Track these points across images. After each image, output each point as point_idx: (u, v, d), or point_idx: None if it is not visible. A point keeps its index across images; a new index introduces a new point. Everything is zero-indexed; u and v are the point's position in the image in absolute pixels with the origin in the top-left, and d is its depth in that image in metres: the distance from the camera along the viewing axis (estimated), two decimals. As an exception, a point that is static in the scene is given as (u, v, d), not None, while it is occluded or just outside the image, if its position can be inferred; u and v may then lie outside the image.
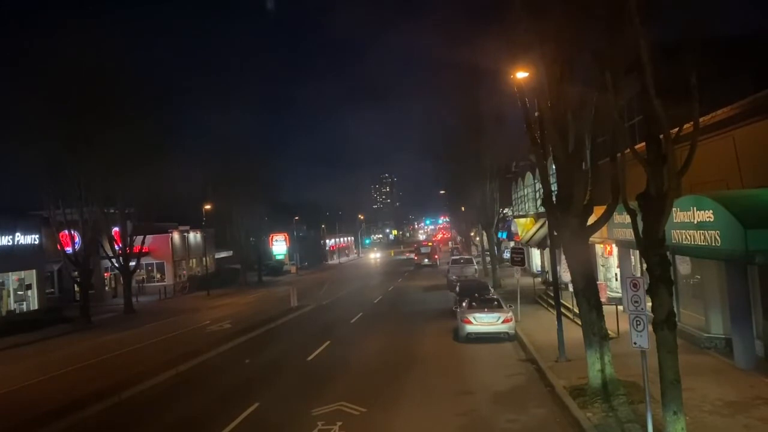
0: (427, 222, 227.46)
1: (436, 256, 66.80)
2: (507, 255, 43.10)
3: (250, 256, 63.24)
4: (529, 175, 40.99)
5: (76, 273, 35.80)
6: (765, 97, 12.05)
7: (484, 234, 44.98)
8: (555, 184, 13.84)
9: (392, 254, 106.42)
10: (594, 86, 11.33)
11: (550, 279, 22.50)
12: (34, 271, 37.02)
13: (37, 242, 37.03)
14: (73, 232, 34.94)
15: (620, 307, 18.37)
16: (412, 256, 71.72)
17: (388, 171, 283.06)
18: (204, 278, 53.11)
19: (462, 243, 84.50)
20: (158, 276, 54.50)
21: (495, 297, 22.34)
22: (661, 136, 8.80)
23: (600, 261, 25.44)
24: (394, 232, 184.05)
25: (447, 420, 11.93)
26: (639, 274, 17.42)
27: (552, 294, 20.18)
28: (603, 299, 14.71)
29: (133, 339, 26.30)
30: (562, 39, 11.90)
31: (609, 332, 13.54)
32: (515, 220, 44.16)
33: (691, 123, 8.85)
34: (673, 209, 10.60)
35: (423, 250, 69.41)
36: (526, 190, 43.01)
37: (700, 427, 10.02)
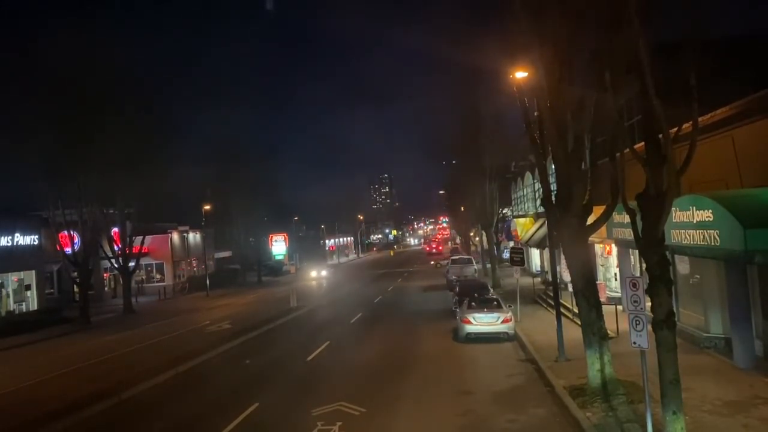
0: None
1: (440, 248, 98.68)
2: (506, 255, 43.12)
3: (250, 257, 63.25)
4: (528, 175, 40.99)
5: (75, 273, 35.79)
6: (764, 97, 12.06)
7: (484, 234, 44.99)
8: (554, 184, 13.85)
9: (392, 253, 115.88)
10: (593, 86, 11.33)
11: (550, 279, 22.51)
12: (33, 271, 37.05)
13: (36, 243, 37.05)
14: (72, 233, 34.96)
15: (620, 307, 18.38)
16: (425, 247, 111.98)
17: (388, 171, 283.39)
18: (203, 279, 53.14)
19: (461, 243, 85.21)
20: (158, 276, 54.58)
21: (494, 297, 22.32)
22: (661, 136, 8.81)
23: (599, 261, 25.45)
24: (394, 232, 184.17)
25: (447, 420, 11.93)
26: (638, 274, 17.43)
27: (551, 294, 20.19)
28: (602, 299, 14.71)
29: (133, 339, 26.28)
30: (561, 39, 11.91)
31: (608, 332, 13.56)
32: (515, 219, 44.17)
33: (691, 123, 8.86)
34: (673, 209, 10.60)
35: (432, 244, 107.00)
36: (525, 190, 43.02)
37: (700, 426, 10.02)
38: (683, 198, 12.38)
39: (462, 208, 63.79)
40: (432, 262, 68.36)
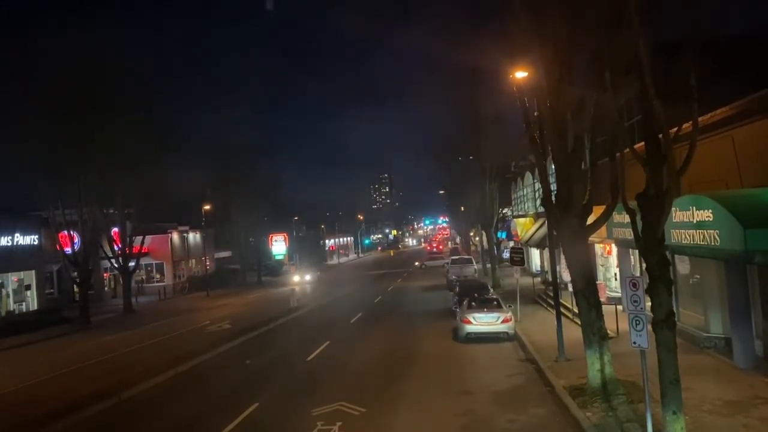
0: (427, 222, 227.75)
1: (441, 247, 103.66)
2: (506, 255, 43.12)
3: (250, 257, 63.22)
4: (528, 175, 40.99)
5: (75, 273, 35.78)
6: (764, 97, 12.06)
7: (484, 234, 44.99)
8: (554, 184, 13.85)
9: (392, 253, 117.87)
10: (593, 86, 11.33)
11: (550, 279, 22.50)
12: (33, 271, 37.04)
13: (36, 243, 37.04)
14: (72, 233, 34.95)
15: (620, 307, 18.37)
16: (426, 246, 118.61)
17: (388, 171, 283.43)
18: (203, 278, 53.12)
19: (461, 243, 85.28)
20: (158, 276, 54.56)
21: (494, 297, 22.33)
22: (661, 136, 8.81)
23: (599, 261, 25.45)
24: (394, 232, 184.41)
25: (447, 420, 11.92)
26: (638, 274, 17.43)
27: (551, 294, 20.18)
28: (602, 299, 14.70)
29: (133, 339, 26.28)
30: (561, 39, 11.91)
31: (608, 332, 13.55)
32: (515, 219, 44.16)
33: (691, 122, 8.86)
34: (673, 209, 10.60)
35: (433, 244, 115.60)
36: (525, 190, 43.02)
37: (700, 426, 10.02)
38: (683, 198, 12.38)
39: (462, 208, 63.82)
40: (417, 263, 68.87)
